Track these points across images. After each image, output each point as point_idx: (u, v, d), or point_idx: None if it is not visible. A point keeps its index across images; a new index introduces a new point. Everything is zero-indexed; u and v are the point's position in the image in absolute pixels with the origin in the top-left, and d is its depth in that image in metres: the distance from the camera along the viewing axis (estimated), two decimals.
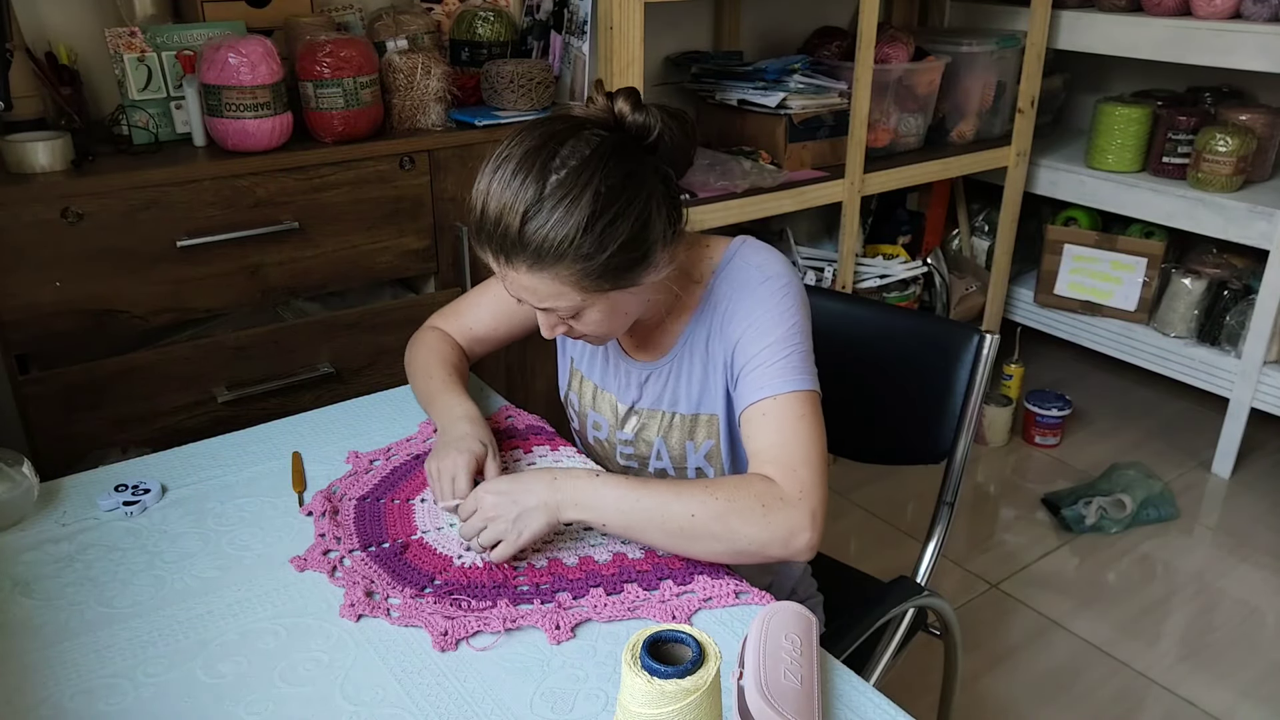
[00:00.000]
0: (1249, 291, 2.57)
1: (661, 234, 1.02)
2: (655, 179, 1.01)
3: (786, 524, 0.99)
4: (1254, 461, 2.70)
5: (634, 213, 0.98)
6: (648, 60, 2.28)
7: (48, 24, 1.77)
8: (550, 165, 0.96)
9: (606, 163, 0.97)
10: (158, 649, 0.93)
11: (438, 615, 0.96)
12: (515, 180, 0.96)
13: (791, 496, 1.00)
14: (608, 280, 1.00)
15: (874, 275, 2.62)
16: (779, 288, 1.09)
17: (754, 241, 1.16)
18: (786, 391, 1.05)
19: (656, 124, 1.02)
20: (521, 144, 0.98)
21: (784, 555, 1.00)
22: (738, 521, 0.99)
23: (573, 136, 0.98)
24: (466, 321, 1.34)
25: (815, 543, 1.01)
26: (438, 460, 1.12)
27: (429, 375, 1.27)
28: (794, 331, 1.08)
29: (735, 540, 1.00)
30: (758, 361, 1.07)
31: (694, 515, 1.00)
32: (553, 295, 1.01)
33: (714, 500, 1.00)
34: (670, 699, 0.71)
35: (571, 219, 0.95)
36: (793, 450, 1.03)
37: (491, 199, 0.98)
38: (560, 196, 0.95)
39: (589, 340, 1.13)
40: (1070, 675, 1.97)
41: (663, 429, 1.20)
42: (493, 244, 0.99)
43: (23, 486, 1.11)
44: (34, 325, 1.51)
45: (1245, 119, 2.55)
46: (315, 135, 1.73)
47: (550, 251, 0.96)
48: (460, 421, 1.17)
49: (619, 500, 1.02)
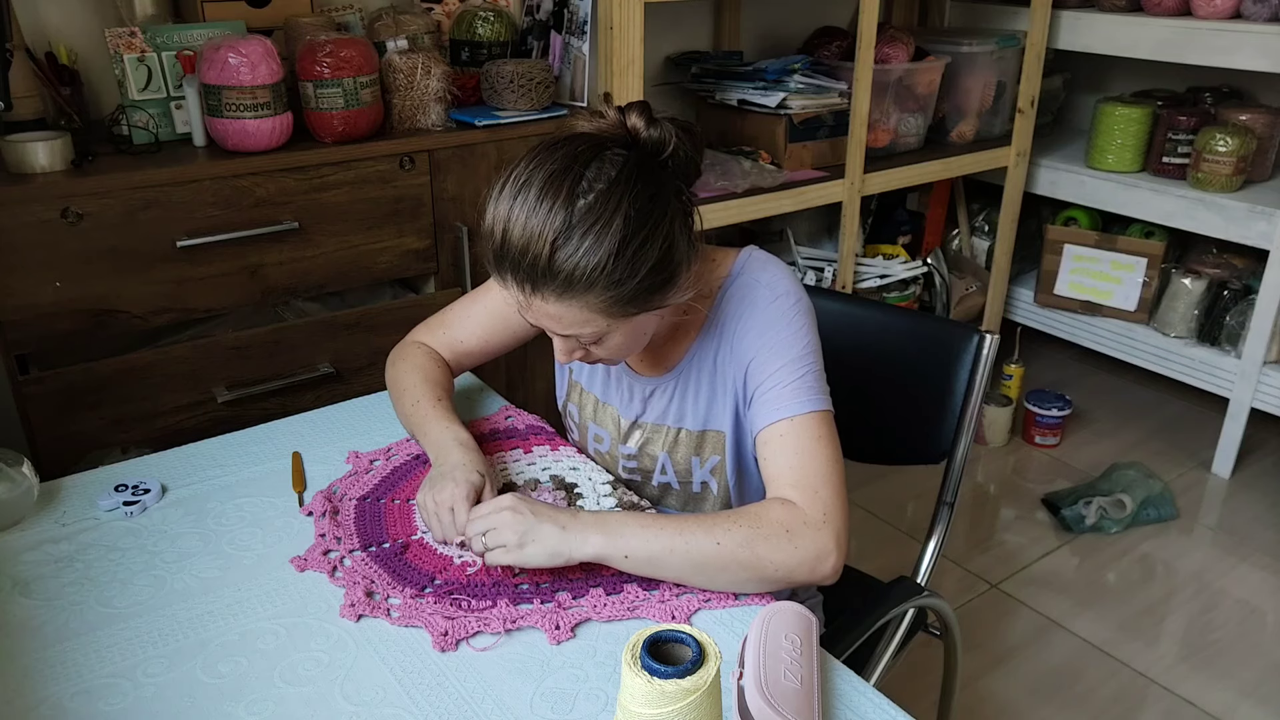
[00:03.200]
0: (1249, 291, 2.57)
1: (685, 253, 1.00)
2: (674, 197, 0.99)
3: (813, 548, 0.97)
4: (1254, 461, 2.70)
5: (661, 234, 0.95)
6: (648, 60, 2.28)
7: (48, 24, 1.78)
8: (577, 190, 0.92)
9: (634, 185, 0.93)
10: (158, 649, 0.93)
11: (438, 615, 0.96)
12: (541, 206, 0.92)
13: (815, 520, 0.99)
14: (635, 305, 0.98)
15: (874, 275, 2.62)
16: (790, 305, 1.08)
17: (760, 254, 1.13)
18: (803, 413, 1.04)
19: (671, 139, 0.99)
20: (542, 166, 0.94)
21: (810, 580, 0.98)
22: (764, 548, 0.97)
23: (595, 158, 0.94)
24: (455, 335, 1.28)
25: (840, 566, 0.99)
26: (433, 492, 1.07)
27: (417, 399, 1.21)
28: (808, 351, 1.06)
29: (762, 567, 0.97)
30: (773, 383, 1.05)
31: (719, 544, 0.97)
32: (579, 323, 0.98)
33: (738, 528, 0.97)
34: (670, 699, 0.71)
35: (603, 246, 0.92)
36: (813, 473, 1.01)
37: (515, 226, 0.93)
38: (590, 223, 0.91)
39: (604, 363, 1.10)
40: (1070, 675, 1.97)
41: (667, 444, 1.18)
42: (518, 274, 0.95)
43: (23, 486, 1.11)
44: (34, 325, 1.51)
45: (1245, 119, 2.55)
46: (315, 135, 1.73)
47: (581, 280, 0.93)
48: (454, 450, 1.12)
49: (641, 529, 0.98)
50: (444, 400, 1.21)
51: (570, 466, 1.24)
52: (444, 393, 1.23)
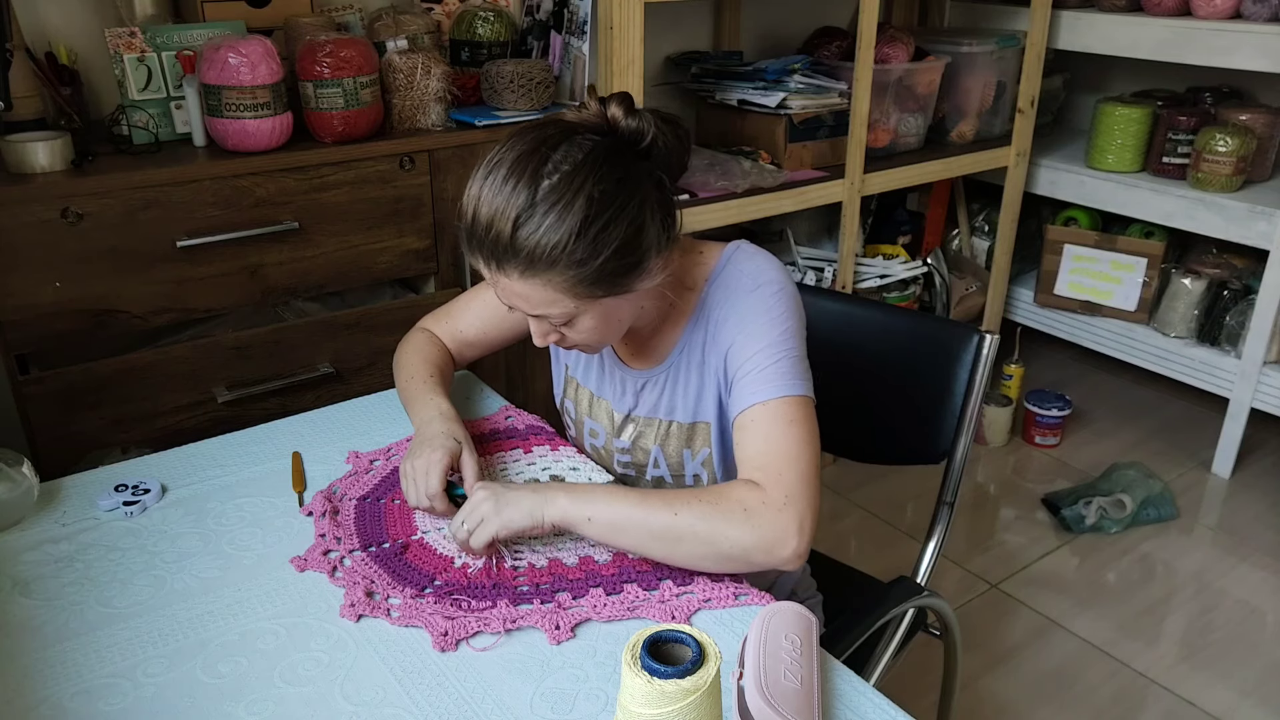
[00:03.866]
0: (1249, 291, 2.57)
1: (655, 240, 1.01)
2: (649, 184, 1.00)
3: (772, 530, 0.97)
4: (1254, 461, 2.70)
5: (627, 218, 0.97)
6: (648, 60, 2.28)
7: (48, 24, 1.77)
8: (542, 170, 0.95)
9: (600, 168, 0.96)
10: (158, 649, 0.93)
11: (438, 615, 0.96)
12: (506, 186, 0.95)
13: (776, 502, 0.99)
14: (601, 287, 0.99)
15: (874, 275, 2.62)
16: (771, 293, 1.08)
17: (748, 246, 1.14)
18: (776, 397, 1.04)
19: (650, 129, 1.01)
20: (513, 149, 0.97)
21: (768, 562, 0.99)
22: (721, 524, 0.98)
23: (565, 141, 0.97)
24: (457, 325, 1.32)
25: (802, 551, 0.99)
26: (410, 459, 1.11)
27: (411, 376, 1.25)
28: (786, 336, 1.07)
29: (718, 543, 0.98)
30: (748, 368, 1.06)
31: (677, 514, 0.98)
32: (545, 302, 1.00)
33: (698, 502, 0.99)
34: (670, 699, 0.71)
35: (564, 224, 0.94)
36: (779, 455, 1.02)
37: (483, 205, 0.97)
38: (553, 202, 0.94)
39: (582, 349, 1.12)
40: (1070, 675, 1.97)
41: (659, 437, 1.19)
42: (484, 250, 0.98)
43: (23, 486, 1.11)
44: (34, 325, 1.51)
45: (1245, 119, 2.55)
46: (315, 135, 1.73)
47: (543, 258, 0.95)
48: (434, 420, 1.16)
49: (606, 499, 1.01)
50: (435, 377, 1.24)
51: (570, 466, 1.24)
52: (437, 371, 1.26)
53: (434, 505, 1.09)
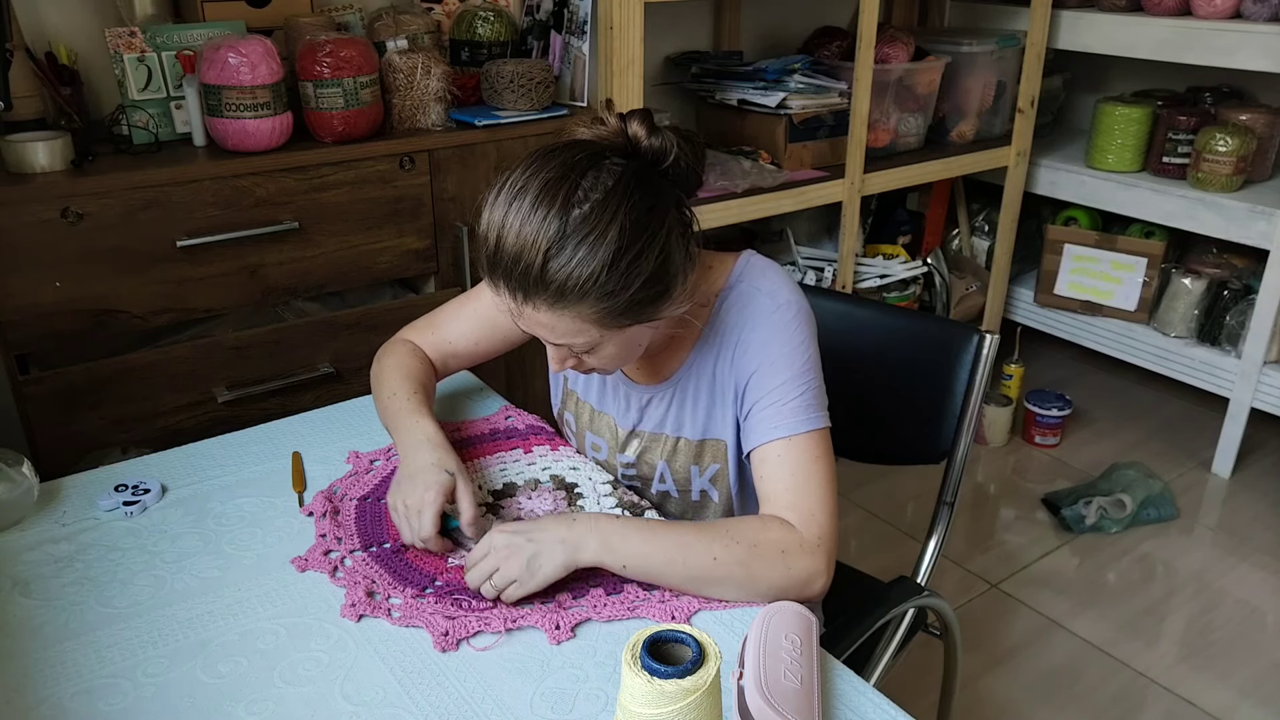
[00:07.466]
0: (1249, 291, 2.57)
1: (681, 265, 0.99)
2: (673, 208, 0.98)
3: (806, 571, 0.99)
4: (1254, 461, 2.70)
5: (657, 247, 0.94)
6: (648, 60, 2.28)
7: (48, 24, 1.77)
8: (572, 199, 0.91)
9: (630, 195, 0.93)
10: (158, 649, 0.93)
11: (438, 615, 0.96)
12: (536, 215, 0.91)
13: (810, 544, 1.00)
14: (628, 316, 0.97)
15: (874, 275, 2.62)
16: (791, 316, 1.07)
17: (758, 260, 1.12)
18: (802, 432, 1.04)
19: (672, 148, 0.99)
20: (538, 174, 0.93)
21: (799, 598, 1.00)
22: (760, 567, 0.98)
23: (593, 167, 0.93)
24: (445, 335, 1.27)
25: (827, 585, 1.01)
26: (401, 494, 1.06)
27: (393, 393, 1.19)
28: (809, 367, 1.06)
29: (756, 585, 0.98)
30: (772, 399, 1.05)
31: (716, 559, 0.98)
32: (571, 333, 0.97)
33: (736, 545, 0.98)
34: (670, 699, 0.71)
35: (597, 256, 0.91)
36: (809, 495, 1.02)
37: (509, 233, 0.92)
38: (585, 233, 0.91)
39: (598, 372, 1.10)
40: (1070, 675, 1.97)
41: (666, 453, 1.18)
42: (510, 281, 0.94)
43: (23, 486, 1.11)
44: (34, 325, 1.51)
45: (1245, 119, 2.55)
46: (315, 135, 1.73)
47: (574, 290, 0.92)
48: (422, 448, 1.10)
49: (641, 541, 0.98)
50: (418, 395, 1.19)
51: (570, 466, 1.24)
52: (420, 388, 1.21)
53: (429, 547, 1.05)
